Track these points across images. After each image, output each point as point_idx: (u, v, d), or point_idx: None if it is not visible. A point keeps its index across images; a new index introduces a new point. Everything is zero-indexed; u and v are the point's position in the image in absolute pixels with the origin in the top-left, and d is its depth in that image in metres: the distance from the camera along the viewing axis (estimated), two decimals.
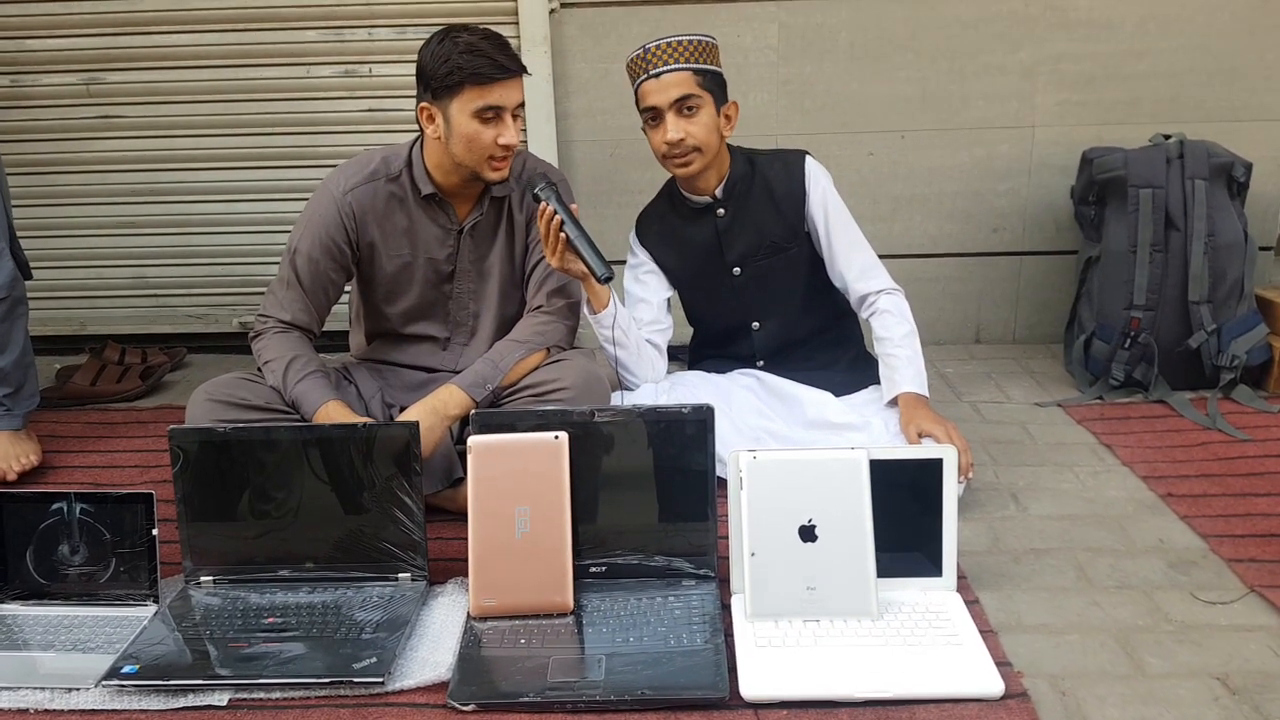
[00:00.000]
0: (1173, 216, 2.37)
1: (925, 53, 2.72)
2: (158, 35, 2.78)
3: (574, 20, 2.74)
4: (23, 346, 2.18)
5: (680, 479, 1.56)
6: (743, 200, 2.06)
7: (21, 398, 2.19)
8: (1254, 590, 1.57)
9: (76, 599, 1.56)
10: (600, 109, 2.80)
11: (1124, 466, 2.05)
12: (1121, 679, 1.37)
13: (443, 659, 1.41)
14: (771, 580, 1.46)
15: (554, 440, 1.53)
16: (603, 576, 1.57)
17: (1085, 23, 2.67)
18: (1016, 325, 2.95)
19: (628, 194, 2.82)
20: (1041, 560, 1.69)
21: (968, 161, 2.81)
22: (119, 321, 3.04)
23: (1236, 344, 2.37)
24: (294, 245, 1.91)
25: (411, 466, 1.58)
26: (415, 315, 2.02)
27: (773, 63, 2.74)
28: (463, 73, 1.73)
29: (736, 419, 2.00)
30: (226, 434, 1.58)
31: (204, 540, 1.60)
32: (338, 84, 2.81)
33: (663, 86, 1.91)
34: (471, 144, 1.79)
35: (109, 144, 2.88)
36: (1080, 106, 2.74)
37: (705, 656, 1.37)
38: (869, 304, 2.05)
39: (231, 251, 2.97)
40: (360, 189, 1.90)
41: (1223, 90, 2.70)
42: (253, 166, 2.89)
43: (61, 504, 1.56)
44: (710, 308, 2.21)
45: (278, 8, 2.75)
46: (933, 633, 1.42)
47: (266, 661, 1.39)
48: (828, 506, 1.47)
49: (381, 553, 1.59)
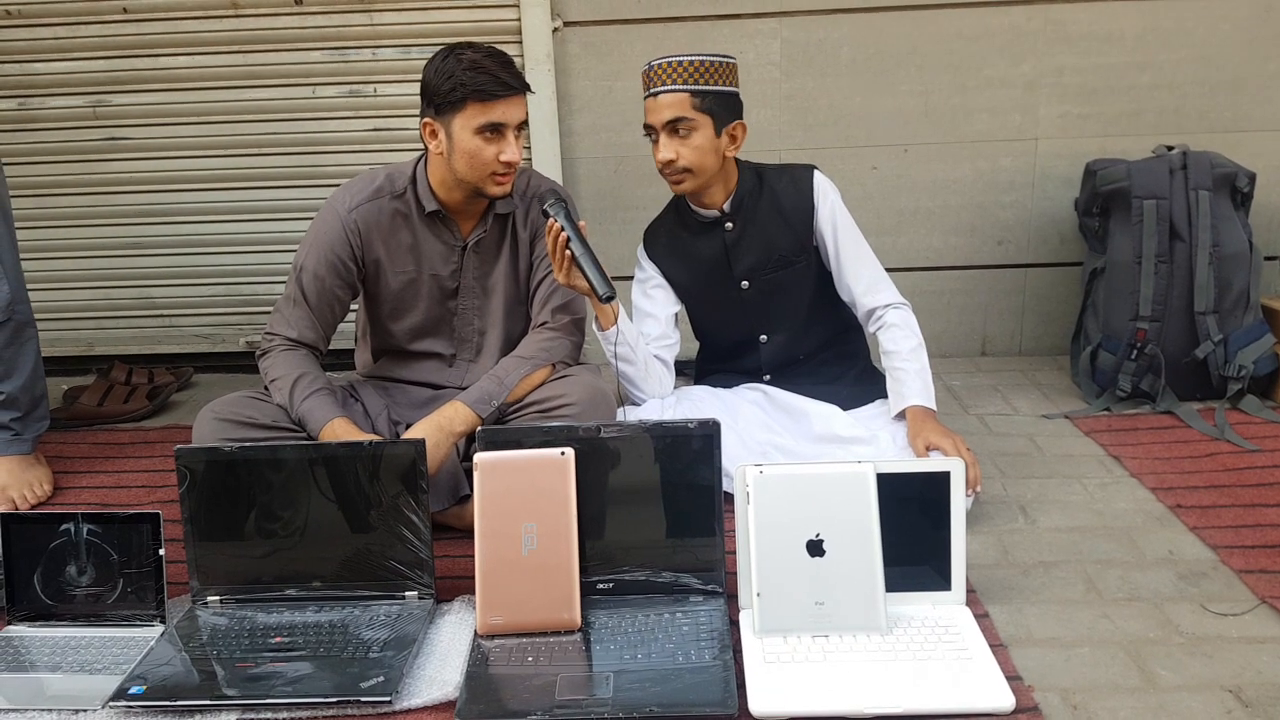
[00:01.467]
0: (1177, 227, 2.37)
1: (928, 67, 2.73)
2: (164, 57, 2.81)
3: (577, 39, 2.75)
4: (31, 371, 2.15)
5: (687, 494, 1.56)
6: (751, 214, 2.06)
7: (30, 421, 2.16)
8: (1265, 601, 1.56)
9: (84, 620, 1.56)
10: (604, 126, 2.81)
11: (1132, 478, 2.04)
12: (1133, 692, 1.36)
13: (450, 677, 1.41)
14: (780, 595, 1.45)
15: (560, 456, 1.53)
16: (610, 593, 1.57)
17: (1087, 35, 2.68)
18: (1022, 337, 2.95)
19: (632, 210, 2.83)
20: (1051, 573, 1.69)
21: (971, 175, 2.81)
22: (126, 342, 3.06)
23: (1243, 354, 2.37)
24: (300, 263, 1.92)
25: (418, 484, 1.58)
26: (421, 332, 2.03)
27: (776, 78, 2.76)
28: (466, 89, 1.74)
29: (743, 434, 1.99)
30: (233, 453, 1.58)
31: (211, 560, 1.60)
32: (342, 104, 2.83)
33: (658, 107, 1.92)
34: (473, 160, 1.80)
35: (116, 165, 2.90)
36: (1083, 119, 2.75)
37: (714, 673, 1.37)
38: (876, 318, 2.05)
39: (237, 271, 2.99)
40: (365, 206, 1.91)
41: (1225, 101, 2.70)
42: (258, 186, 2.90)
43: (69, 525, 1.56)
44: (717, 321, 2.21)
45: (282, 29, 2.77)
46: (942, 647, 1.41)
47: (274, 681, 1.39)
48: (835, 521, 1.46)
49: (388, 571, 1.59)
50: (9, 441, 2.13)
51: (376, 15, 2.75)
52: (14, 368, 2.12)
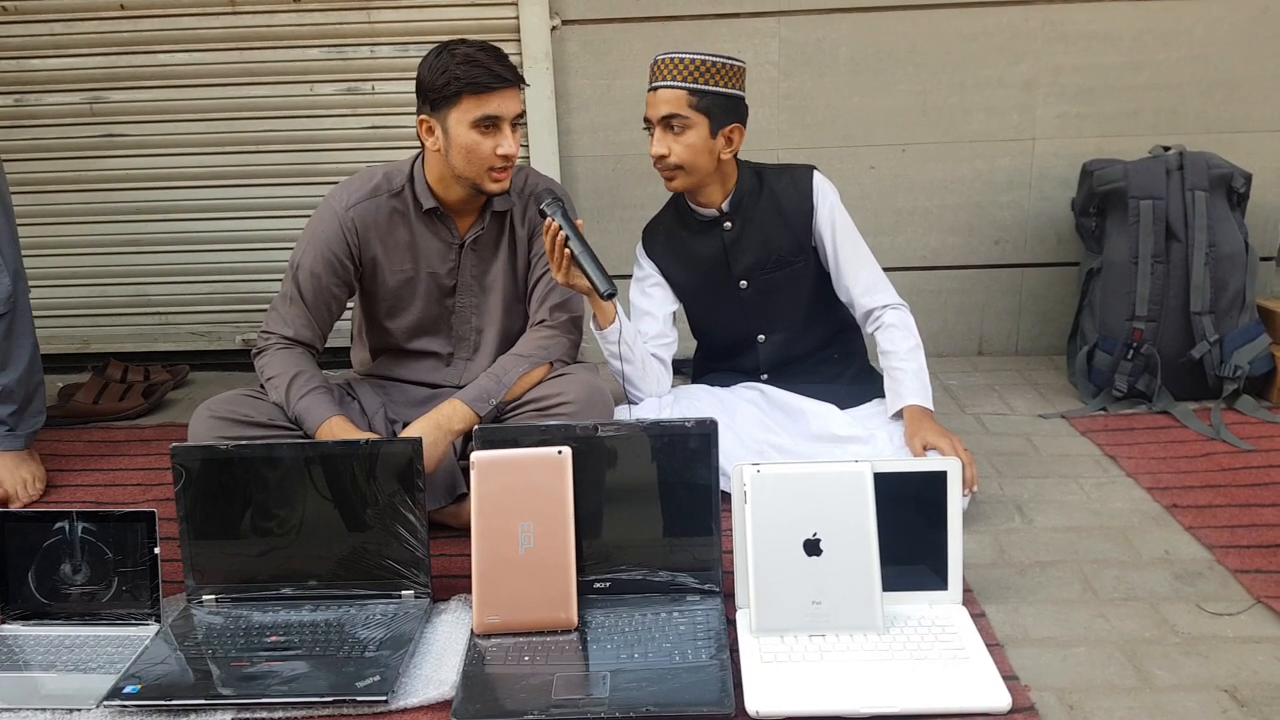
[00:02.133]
0: (1173, 227, 2.38)
1: (925, 67, 2.73)
2: (160, 54, 2.80)
3: (575, 37, 2.75)
4: (28, 364, 2.13)
5: (684, 493, 1.56)
6: (750, 214, 2.06)
7: (26, 416, 2.15)
8: (1260, 601, 1.56)
9: (78, 619, 1.56)
10: (603, 124, 2.81)
11: (1128, 478, 2.04)
12: (1129, 692, 1.36)
13: (446, 677, 1.41)
14: (777, 595, 1.45)
15: (557, 455, 1.53)
16: (607, 592, 1.57)
17: (1084, 35, 2.68)
18: (1019, 337, 2.95)
19: (630, 208, 2.83)
20: (1047, 572, 1.69)
21: (969, 174, 2.81)
22: (122, 339, 3.05)
23: (1239, 354, 2.37)
24: (296, 261, 1.92)
25: (414, 483, 1.57)
26: (418, 330, 2.02)
27: (774, 78, 2.75)
28: (460, 83, 1.74)
29: (741, 432, 1.99)
30: (229, 451, 1.58)
31: (206, 558, 1.60)
32: (340, 101, 2.82)
33: (656, 101, 1.92)
34: (470, 155, 1.79)
35: (112, 162, 2.89)
36: (1080, 119, 2.75)
37: (710, 673, 1.37)
38: (874, 318, 2.05)
39: (234, 269, 2.98)
40: (362, 204, 1.90)
41: (1221, 102, 2.71)
42: (255, 184, 2.90)
43: (63, 523, 1.56)
44: (716, 320, 2.21)
45: (280, 26, 2.76)
46: (939, 647, 1.41)
47: (269, 680, 1.39)
48: (833, 520, 1.46)
49: (385, 570, 1.59)
50: (2, 437, 2.12)
51: (374, 13, 2.74)
52: (8, 361, 2.10)
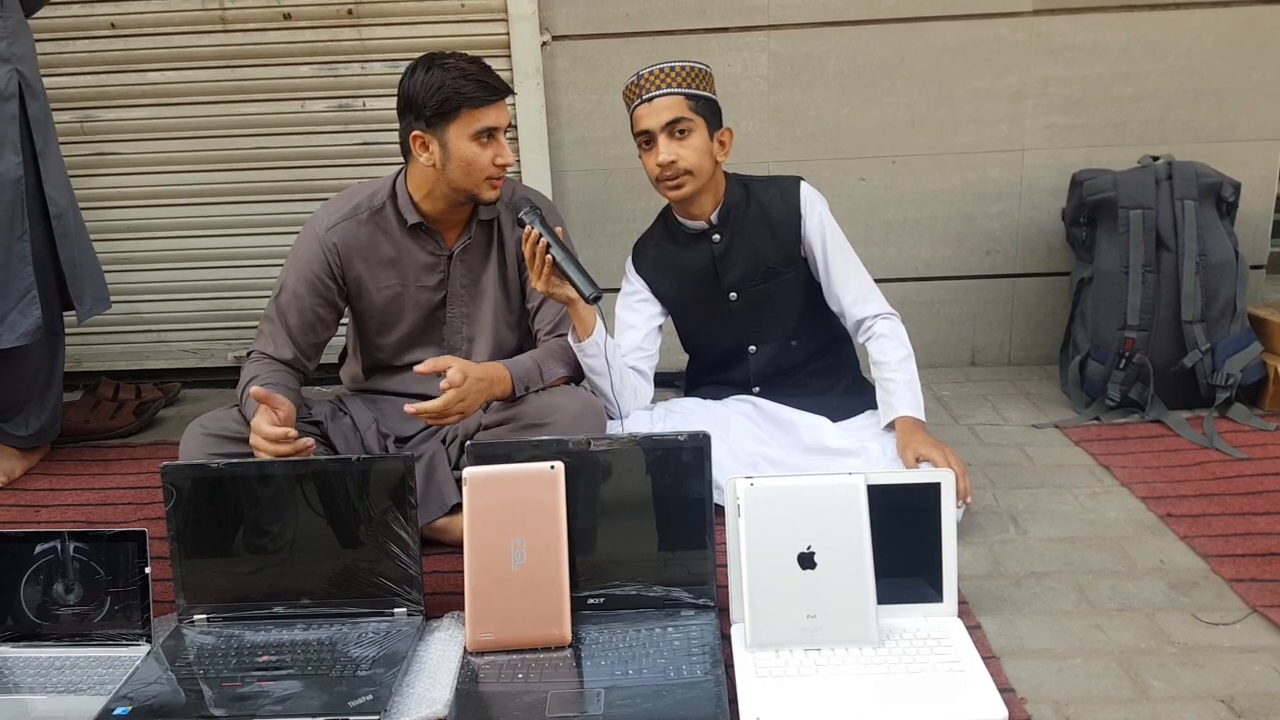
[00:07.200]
0: (1163, 237, 2.38)
1: (914, 78, 2.74)
2: (152, 72, 2.80)
3: (566, 52, 2.76)
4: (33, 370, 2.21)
5: (678, 507, 1.55)
6: (739, 225, 2.07)
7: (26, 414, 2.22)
8: (1256, 610, 1.56)
9: (69, 639, 1.55)
10: (593, 139, 2.81)
11: (1123, 487, 2.04)
12: (1125, 703, 1.36)
13: (440, 695, 1.40)
14: (771, 609, 1.45)
15: (550, 470, 1.53)
16: (601, 608, 1.56)
17: (1072, 47, 2.70)
18: (1011, 347, 2.95)
19: (621, 222, 2.83)
20: (1042, 583, 1.68)
21: (959, 185, 2.82)
22: (114, 357, 3.04)
23: (1231, 362, 2.37)
24: (281, 282, 1.93)
25: (407, 500, 1.57)
26: (409, 344, 2.02)
27: (763, 91, 2.76)
28: (461, 97, 1.76)
29: (733, 446, 1.99)
30: (220, 470, 1.57)
31: (197, 578, 1.58)
32: (331, 118, 2.83)
33: (655, 110, 1.93)
34: (470, 167, 1.81)
35: (103, 180, 2.89)
36: (1069, 129, 2.76)
37: (706, 688, 1.36)
38: (865, 328, 2.06)
39: (226, 286, 2.97)
40: (342, 225, 1.91)
41: (1209, 111, 2.72)
42: (247, 201, 2.90)
43: (54, 543, 1.55)
44: (706, 333, 2.21)
45: (271, 44, 2.77)
46: (935, 659, 1.41)
47: (261, 700, 1.38)
48: (826, 533, 1.46)
49: (377, 588, 1.58)
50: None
51: (365, 30, 2.75)
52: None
